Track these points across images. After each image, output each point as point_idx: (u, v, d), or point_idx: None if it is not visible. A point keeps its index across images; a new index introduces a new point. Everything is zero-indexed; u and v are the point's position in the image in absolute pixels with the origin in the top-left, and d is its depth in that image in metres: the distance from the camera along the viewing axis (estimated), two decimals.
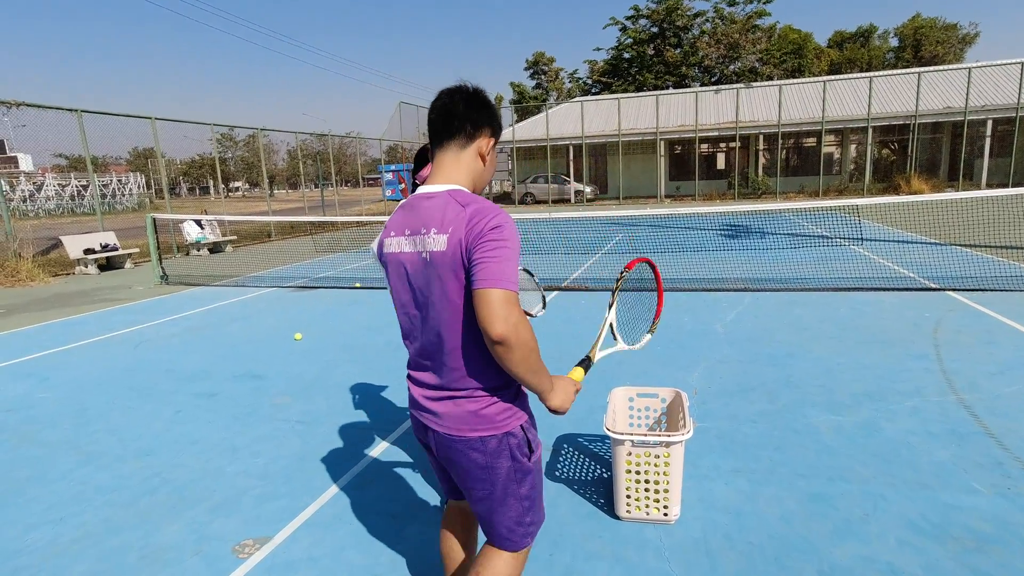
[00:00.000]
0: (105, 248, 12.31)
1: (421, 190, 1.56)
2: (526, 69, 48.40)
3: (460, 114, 1.56)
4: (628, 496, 2.64)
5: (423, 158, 2.58)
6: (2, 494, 3.12)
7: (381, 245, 1.63)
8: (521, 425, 1.60)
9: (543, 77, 47.92)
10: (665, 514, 2.63)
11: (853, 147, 27.10)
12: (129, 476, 3.26)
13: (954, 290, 6.73)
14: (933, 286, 7.00)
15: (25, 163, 38.24)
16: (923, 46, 39.81)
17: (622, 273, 2.11)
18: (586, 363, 1.86)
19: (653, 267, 2.26)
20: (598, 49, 45.32)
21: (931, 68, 27.98)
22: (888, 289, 6.96)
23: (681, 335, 5.52)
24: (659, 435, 2.53)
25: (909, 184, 22.07)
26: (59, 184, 36.42)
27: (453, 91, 1.58)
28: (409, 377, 1.69)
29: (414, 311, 1.56)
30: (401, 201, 1.67)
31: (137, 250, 12.92)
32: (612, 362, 4.86)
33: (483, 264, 1.36)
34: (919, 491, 2.78)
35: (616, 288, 2.12)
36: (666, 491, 2.59)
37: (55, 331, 6.82)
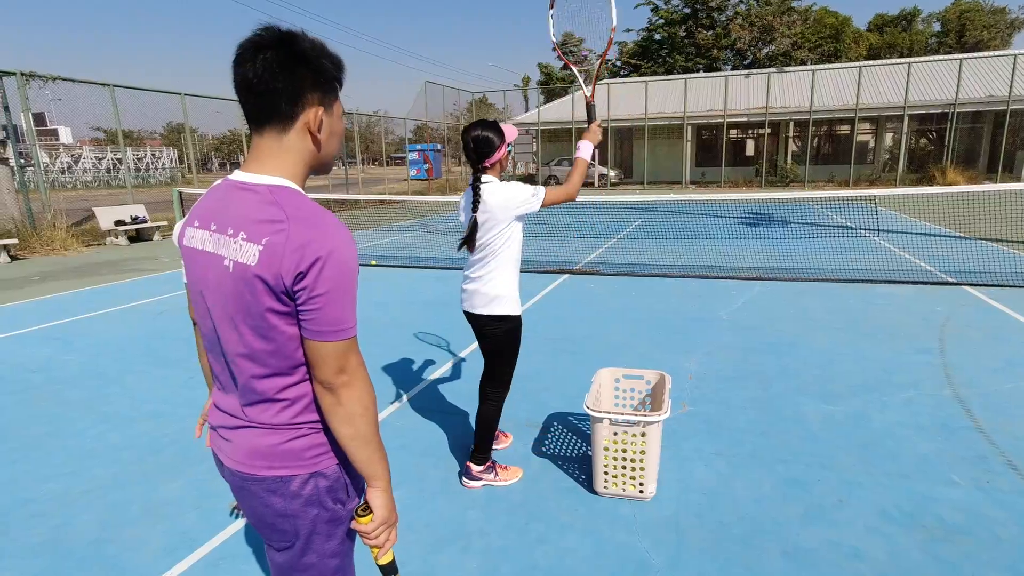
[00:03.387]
0: (135, 220, 12.69)
1: (237, 177, 1.19)
2: (554, 50, 47.81)
3: (267, 88, 1.11)
4: (606, 473, 2.72)
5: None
6: (23, 447, 3.34)
7: (182, 233, 1.27)
8: (337, 464, 1.25)
9: (571, 58, 47.30)
10: (641, 491, 2.70)
11: (889, 136, 26.28)
12: (139, 436, 3.45)
13: (971, 285, 6.59)
14: (950, 280, 6.86)
15: (65, 135, 39.37)
16: (967, 31, 38.18)
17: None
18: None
19: None
20: (628, 30, 44.38)
21: (974, 54, 26.86)
22: (902, 282, 6.84)
23: (685, 321, 5.54)
24: (636, 414, 2.60)
25: (944, 175, 21.36)
26: (96, 157, 37.42)
27: (251, 49, 1.10)
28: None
29: (209, 322, 1.22)
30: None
31: (165, 223, 13.29)
32: (611, 344, 4.92)
33: (315, 312, 1.09)
34: (896, 481, 2.80)
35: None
36: (642, 469, 2.67)
37: (83, 298, 7.13)
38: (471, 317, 2.74)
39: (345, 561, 1.32)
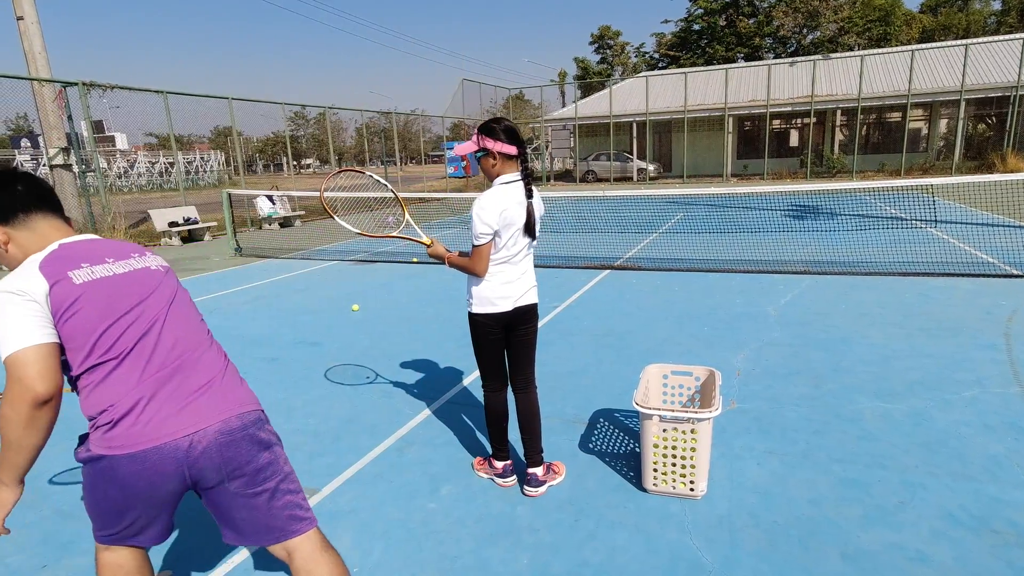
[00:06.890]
0: (187, 221, 13.19)
1: None
2: (591, 44, 47.41)
3: None
4: (655, 470, 2.69)
5: (510, 134, 2.53)
6: None
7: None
8: None
9: (608, 52, 46.80)
10: (691, 489, 2.67)
11: (943, 122, 25.08)
12: None
13: None
14: (1015, 272, 6.51)
15: (121, 142, 41.15)
16: None
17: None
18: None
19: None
20: (666, 21, 43.81)
21: None
22: (962, 275, 6.53)
23: (731, 317, 5.42)
24: (686, 411, 2.57)
25: (1005, 162, 20.26)
26: (149, 161, 38.99)
27: None
28: (155, 401, 1.51)
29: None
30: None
31: (215, 223, 13.76)
32: (656, 340, 4.86)
33: None
34: (963, 483, 2.68)
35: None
36: (693, 467, 2.63)
37: None
38: (520, 312, 2.69)
39: None
